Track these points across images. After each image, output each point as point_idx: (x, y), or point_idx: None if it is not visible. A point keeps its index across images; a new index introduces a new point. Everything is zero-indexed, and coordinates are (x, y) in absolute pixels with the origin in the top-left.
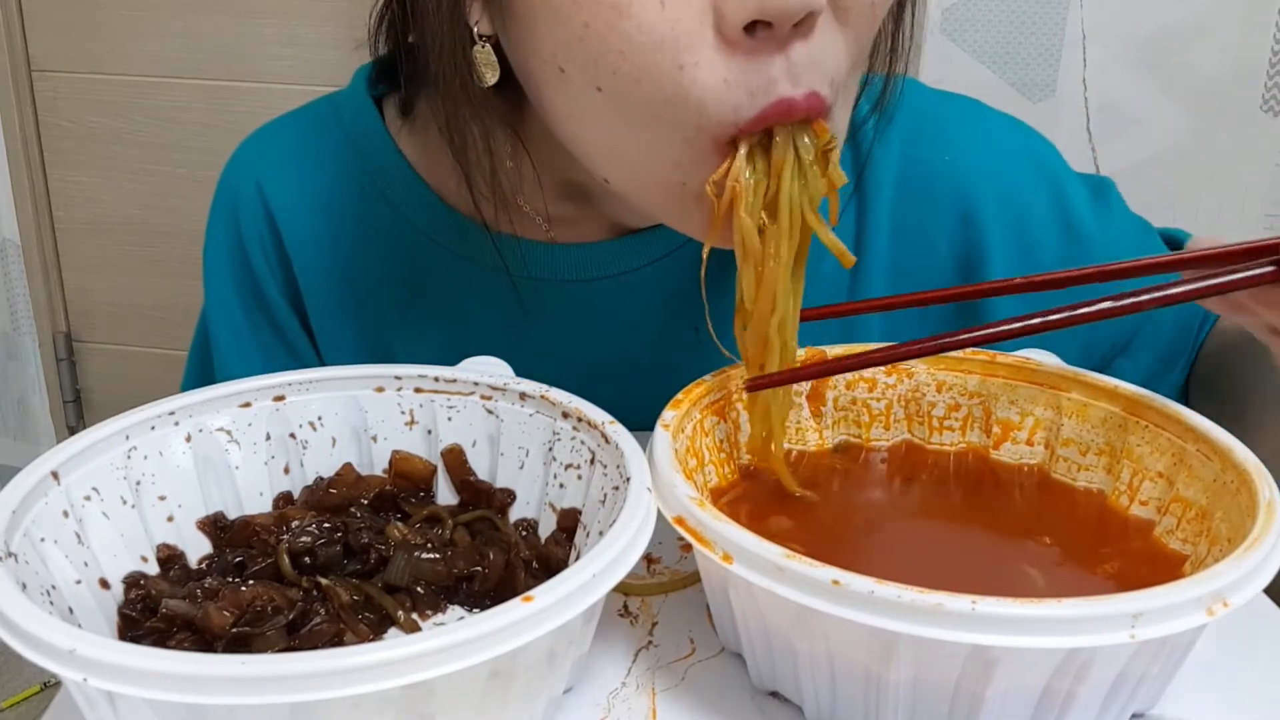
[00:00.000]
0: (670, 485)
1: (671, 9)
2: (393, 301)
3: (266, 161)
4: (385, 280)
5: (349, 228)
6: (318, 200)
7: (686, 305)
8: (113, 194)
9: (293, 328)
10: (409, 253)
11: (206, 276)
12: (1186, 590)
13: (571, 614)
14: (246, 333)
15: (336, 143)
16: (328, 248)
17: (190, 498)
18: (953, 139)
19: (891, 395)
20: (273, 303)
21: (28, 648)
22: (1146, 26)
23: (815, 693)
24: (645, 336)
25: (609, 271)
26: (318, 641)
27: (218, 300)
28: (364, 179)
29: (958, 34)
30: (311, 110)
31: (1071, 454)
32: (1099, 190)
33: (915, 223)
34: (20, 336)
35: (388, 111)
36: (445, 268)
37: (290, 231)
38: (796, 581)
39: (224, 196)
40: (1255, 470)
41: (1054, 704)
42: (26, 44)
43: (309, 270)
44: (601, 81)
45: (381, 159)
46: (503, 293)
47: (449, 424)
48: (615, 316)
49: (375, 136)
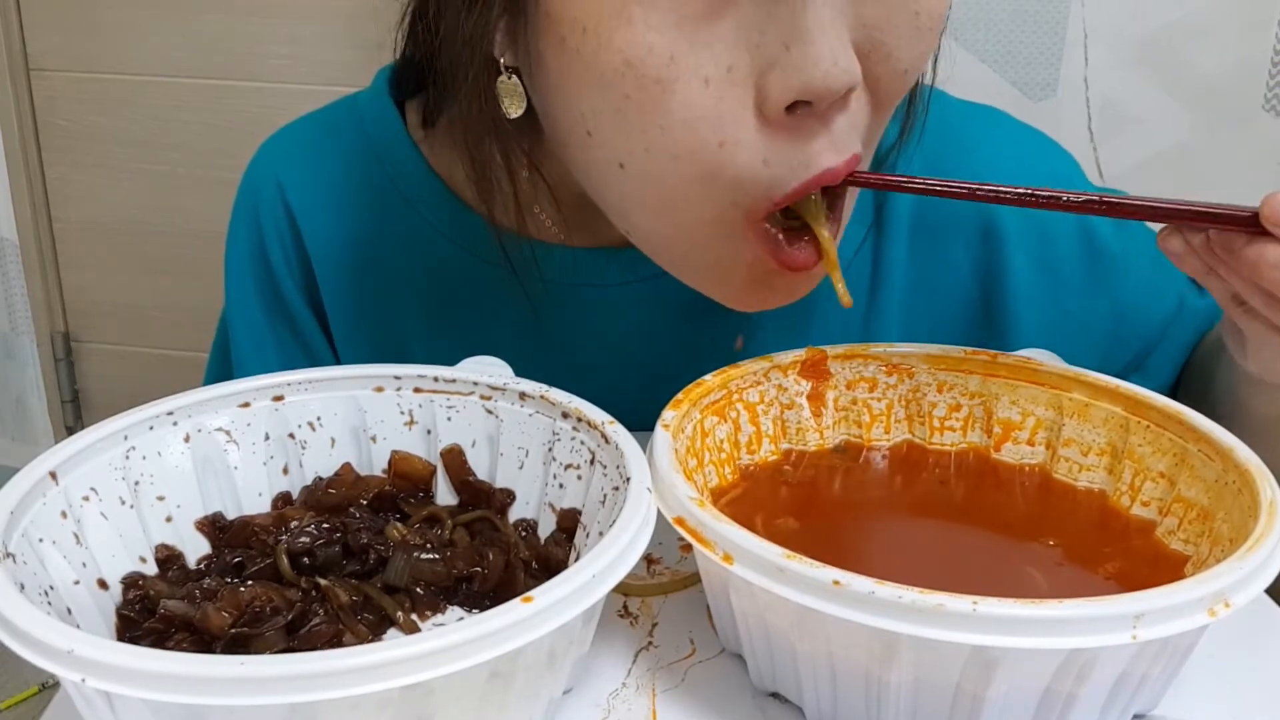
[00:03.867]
0: (670, 485)
1: (716, 87)
2: (409, 301)
3: (288, 161)
4: (402, 279)
5: (368, 227)
6: (338, 200)
7: (707, 314)
8: (112, 194)
9: (311, 329)
10: (427, 253)
11: (227, 276)
12: (1188, 591)
13: (571, 615)
14: (266, 333)
15: (356, 144)
16: (347, 246)
17: (189, 498)
18: (975, 155)
19: (892, 395)
20: (291, 303)
21: (26, 648)
22: (1148, 25)
23: (816, 693)
24: (661, 345)
25: (626, 278)
26: (317, 642)
27: (238, 300)
28: (383, 180)
29: (958, 33)
30: (332, 111)
31: (1073, 454)
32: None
33: (936, 240)
34: (18, 336)
35: (409, 114)
36: (462, 269)
37: (310, 230)
38: (797, 582)
39: (245, 197)
40: (1257, 470)
41: (1055, 705)
42: (25, 43)
43: (328, 268)
44: (629, 158)
45: (401, 160)
46: (519, 295)
47: (448, 424)
48: (630, 323)
49: (395, 138)
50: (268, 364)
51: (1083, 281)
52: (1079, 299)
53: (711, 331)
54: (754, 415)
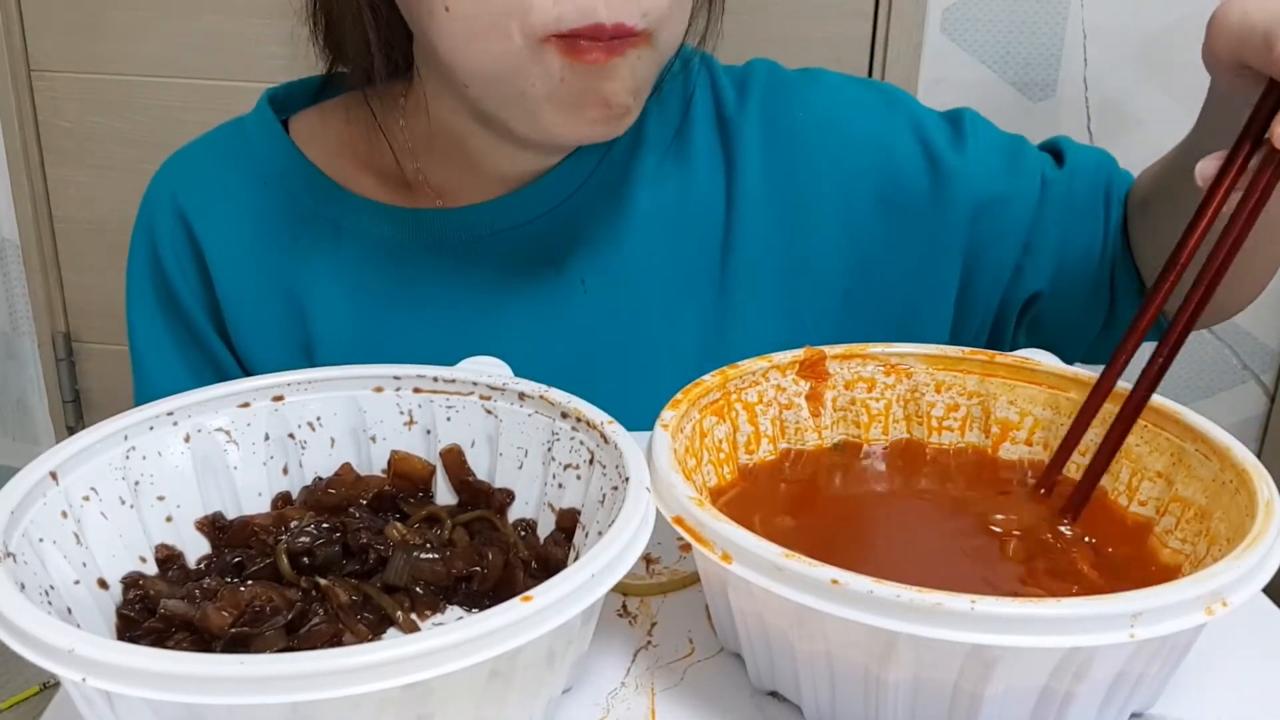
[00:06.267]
0: (669, 485)
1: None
2: (302, 277)
3: (180, 176)
4: (294, 258)
5: (259, 223)
6: (228, 198)
7: (574, 257)
8: (112, 194)
9: (209, 335)
10: (316, 236)
11: (128, 293)
12: (1185, 590)
13: (570, 614)
14: (168, 344)
15: (242, 149)
16: (240, 236)
17: (189, 498)
18: (808, 97)
19: (890, 395)
20: (190, 312)
21: (26, 648)
22: (1148, 26)
23: (814, 692)
24: (533, 291)
25: (494, 229)
26: (317, 642)
27: (139, 313)
28: (267, 176)
29: (958, 34)
30: (220, 130)
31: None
32: (955, 121)
33: (787, 177)
34: (19, 337)
35: (294, 125)
36: (352, 245)
37: (203, 227)
38: (795, 581)
39: (142, 216)
40: (1254, 470)
41: (1053, 703)
42: (26, 44)
43: (223, 260)
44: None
45: (280, 156)
46: (408, 261)
47: (448, 424)
48: (504, 272)
49: (275, 139)
50: (169, 370)
51: (929, 197)
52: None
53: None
54: (752, 415)
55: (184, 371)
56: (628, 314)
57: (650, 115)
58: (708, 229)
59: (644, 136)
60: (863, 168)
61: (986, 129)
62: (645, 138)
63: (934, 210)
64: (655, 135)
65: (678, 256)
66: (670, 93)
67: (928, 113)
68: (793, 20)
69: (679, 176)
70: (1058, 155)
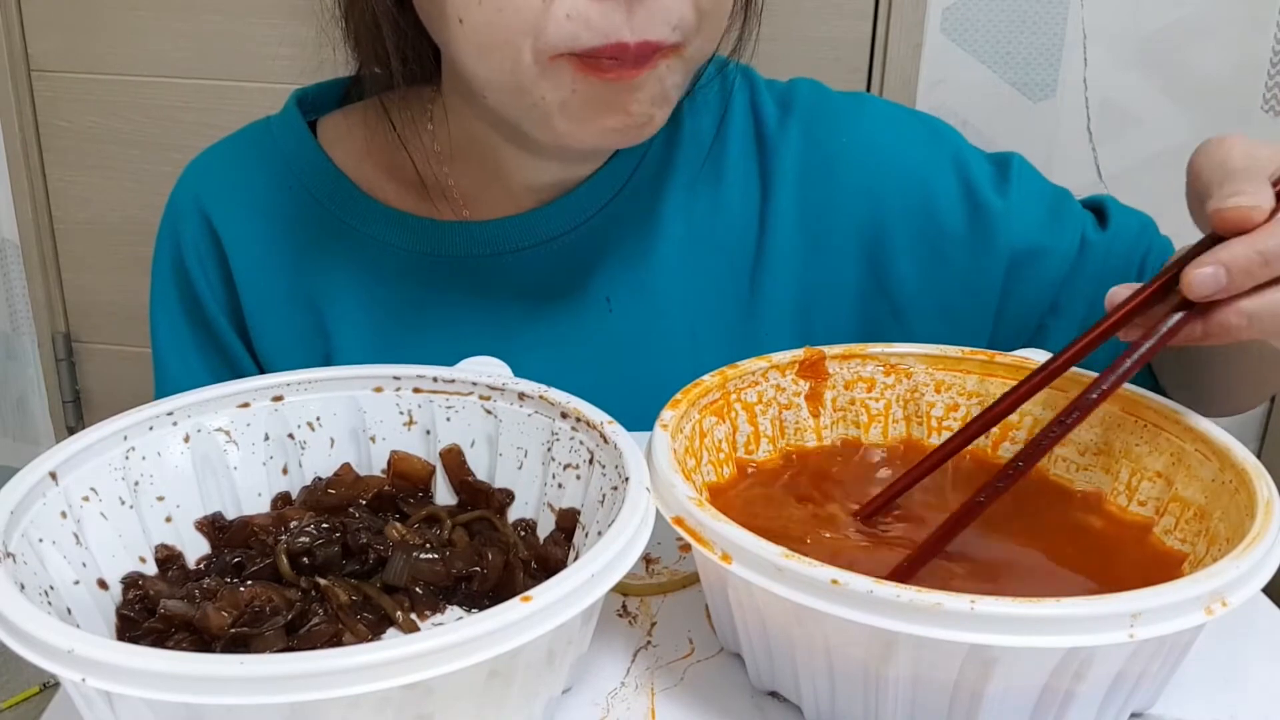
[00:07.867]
0: (669, 485)
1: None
2: (322, 286)
3: (206, 180)
4: (316, 266)
5: (285, 229)
6: (253, 201)
7: (600, 275)
8: (112, 194)
9: (230, 339)
10: (339, 244)
11: (152, 296)
12: (1185, 589)
13: (570, 614)
14: (190, 345)
15: (268, 152)
16: (263, 241)
17: (188, 498)
18: (853, 123)
19: (890, 395)
20: (213, 319)
21: (26, 648)
22: (1147, 26)
23: (814, 692)
24: (557, 309)
25: (522, 244)
26: (316, 642)
27: (162, 316)
28: (291, 180)
29: (958, 34)
30: (247, 131)
31: (1069, 454)
32: (1002, 165)
33: (820, 202)
34: (19, 337)
35: (321, 128)
36: (375, 255)
37: (227, 231)
38: (795, 581)
39: (167, 220)
40: (1254, 470)
41: (1053, 703)
42: (26, 44)
43: (246, 265)
44: (465, 12)
45: (305, 159)
46: (431, 274)
47: (447, 424)
48: (527, 289)
49: (302, 142)
50: (190, 372)
51: (967, 238)
52: (965, 258)
53: (608, 290)
54: (752, 415)
55: (205, 374)
56: (654, 335)
57: (684, 126)
58: (739, 252)
59: (677, 149)
60: (899, 200)
61: (1033, 177)
62: (678, 150)
63: (971, 252)
64: (689, 148)
65: (707, 278)
66: (705, 104)
67: (974, 152)
68: (793, 20)
69: (712, 195)
70: (1101, 214)
